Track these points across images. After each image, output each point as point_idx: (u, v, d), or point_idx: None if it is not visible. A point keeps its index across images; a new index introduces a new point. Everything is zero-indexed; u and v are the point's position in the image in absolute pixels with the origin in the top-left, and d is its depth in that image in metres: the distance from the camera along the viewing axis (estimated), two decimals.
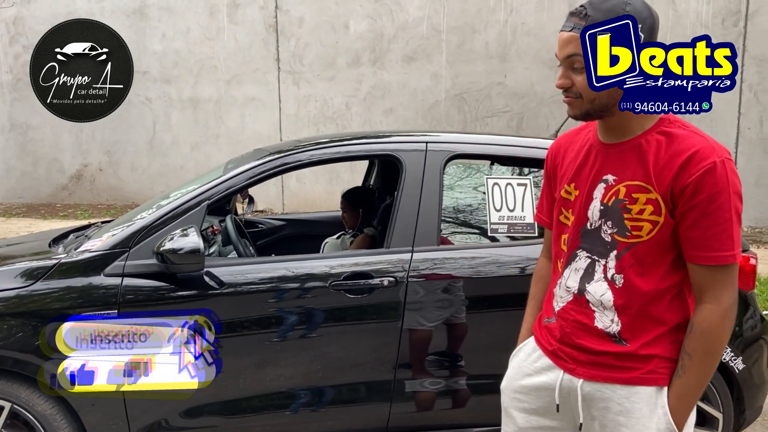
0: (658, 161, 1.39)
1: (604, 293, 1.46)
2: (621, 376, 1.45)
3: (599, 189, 1.47)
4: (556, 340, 1.55)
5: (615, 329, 1.45)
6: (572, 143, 1.61)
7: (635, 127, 1.45)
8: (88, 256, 2.56)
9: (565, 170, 1.58)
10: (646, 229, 1.40)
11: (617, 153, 1.47)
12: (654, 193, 1.39)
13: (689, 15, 7.87)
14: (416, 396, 2.66)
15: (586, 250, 1.50)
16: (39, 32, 10.36)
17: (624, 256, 1.43)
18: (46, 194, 10.80)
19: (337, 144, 2.96)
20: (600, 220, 1.46)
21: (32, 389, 2.43)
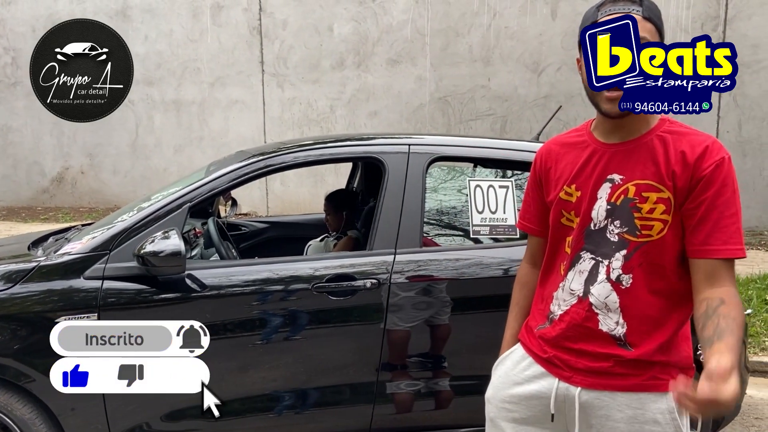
0: (669, 159, 1.38)
1: (609, 295, 1.43)
2: (621, 383, 1.42)
3: (604, 189, 1.44)
4: (552, 346, 1.52)
5: (621, 332, 1.43)
6: (565, 146, 1.57)
7: (642, 126, 1.44)
8: (68, 258, 2.53)
9: (561, 173, 1.55)
10: (657, 228, 1.39)
11: (623, 152, 1.44)
12: (666, 192, 1.38)
13: (669, 20, 7.97)
14: (399, 397, 2.66)
15: (589, 251, 1.47)
16: (20, 34, 10.29)
17: (633, 256, 1.41)
18: (27, 197, 10.68)
19: (320, 146, 2.96)
20: (606, 220, 1.44)
21: (11, 393, 2.41)
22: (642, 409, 1.41)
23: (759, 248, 7.13)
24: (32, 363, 2.40)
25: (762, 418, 3.47)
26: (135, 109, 10.03)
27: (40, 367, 2.40)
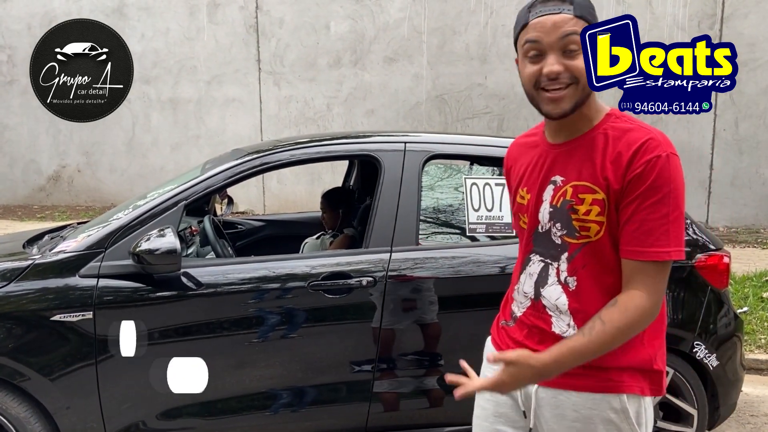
0: (605, 159, 1.35)
1: (559, 297, 1.42)
2: (576, 383, 1.41)
3: (548, 191, 1.44)
4: (515, 344, 1.52)
5: (571, 334, 1.40)
6: (522, 147, 1.58)
7: (584, 125, 1.41)
8: (63, 257, 2.53)
9: (516, 175, 1.55)
10: (594, 230, 1.36)
11: (565, 153, 1.43)
12: (600, 194, 1.35)
13: (666, 18, 7.98)
14: (395, 395, 2.66)
15: (538, 253, 1.47)
16: (15, 32, 10.26)
17: (576, 258, 1.40)
18: (23, 195, 10.65)
19: (316, 144, 2.95)
20: (549, 223, 1.43)
21: (6, 392, 2.40)
22: (596, 410, 1.40)
23: (755, 246, 7.15)
24: (27, 361, 2.39)
25: (757, 415, 3.47)
26: (132, 107, 10.00)
27: (36, 365, 2.40)
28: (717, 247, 2.88)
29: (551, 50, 1.34)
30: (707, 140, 8.03)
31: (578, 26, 1.32)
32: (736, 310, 3.00)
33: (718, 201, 8.07)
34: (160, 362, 2.49)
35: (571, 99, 1.35)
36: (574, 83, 1.34)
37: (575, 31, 1.32)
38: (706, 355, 2.74)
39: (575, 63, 1.33)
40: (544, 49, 1.35)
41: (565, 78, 1.34)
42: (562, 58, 1.34)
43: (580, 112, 1.38)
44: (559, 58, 1.34)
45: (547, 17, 1.34)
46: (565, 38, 1.32)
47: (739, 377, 2.90)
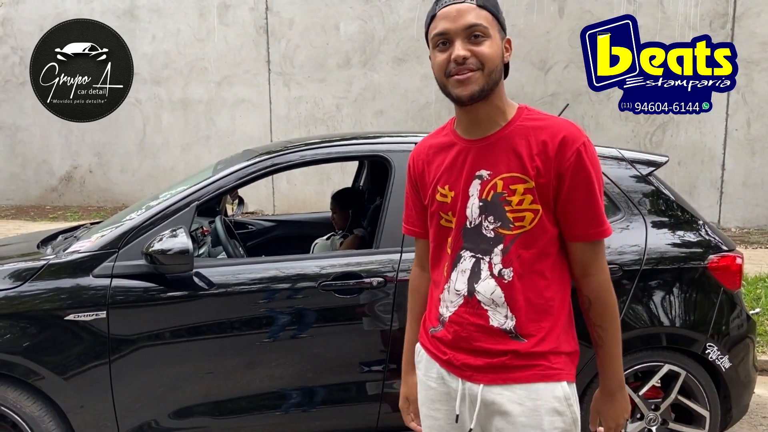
0: (531, 150, 1.40)
1: (494, 290, 1.44)
2: (519, 375, 1.43)
3: (474, 186, 1.45)
4: (449, 347, 1.51)
5: (510, 325, 1.44)
6: (434, 147, 1.57)
7: (500, 119, 1.45)
8: (77, 257, 2.55)
9: (433, 175, 1.54)
10: (528, 218, 1.41)
11: (486, 147, 1.45)
12: (531, 182, 1.39)
13: (677, 17, 7.93)
14: None
15: (469, 249, 1.47)
16: (28, 33, 10.34)
17: (511, 249, 1.42)
18: (36, 196, 10.74)
19: (326, 145, 2.96)
20: (480, 217, 1.44)
21: (20, 391, 2.43)
22: (540, 400, 1.42)
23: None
24: (41, 361, 2.42)
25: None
26: (142, 108, 10.07)
27: (50, 364, 2.42)
28: (729, 248, 2.86)
29: (457, 37, 1.39)
30: (719, 140, 7.98)
31: (481, 15, 1.39)
32: (749, 311, 2.98)
33: (730, 201, 8.02)
34: (172, 362, 2.51)
35: (477, 83, 1.39)
36: (479, 69, 1.39)
37: (478, 20, 1.38)
38: (719, 357, 2.73)
39: (480, 49, 1.38)
40: (451, 38, 1.40)
41: (472, 63, 1.38)
42: (468, 44, 1.39)
43: (493, 104, 1.44)
44: (465, 44, 1.39)
45: (451, 6, 1.40)
46: (470, 27, 1.38)
47: (751, 379, 2.88)
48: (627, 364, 2.71)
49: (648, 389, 2.75)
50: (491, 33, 1.40)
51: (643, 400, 2.75)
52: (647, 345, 2.72)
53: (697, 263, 2.76)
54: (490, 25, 1.40)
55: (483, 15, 1.40)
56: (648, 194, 2.87)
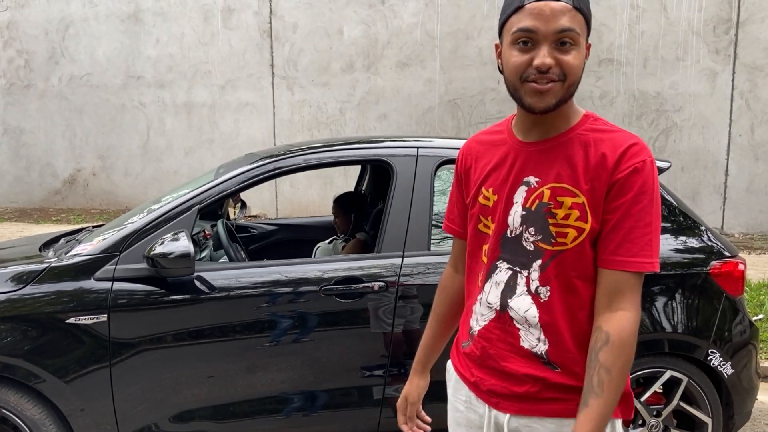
0: (588, 161, 1.26)
1: (528, 308, 1.30)
2: (550, 408, 1.31)
3: (520, 192, 1.31)
4: (478, 366, 1.40)
5: (542, 349, 1.30)
6: (485, 144, 1.44)
7: (562, 124, 1.31)
8: (79, 260, 2.55)
9: (479, 174, 1.42)
10: (571, 236, 1.26)
11: (539, 152, 1.31)
12: (581, 197, 1.25)
13: (681, 23, 7.93)
14: None
15: (506, 260, 1.34)
16: (33, 36, 10.39)
17: (549, 266, 1.28)
18: (39, 199, 10.77)
19: (329, 149, 2.96)
20: (521, 227, 1.31)
21: (21, 394, 2.43)
22: None
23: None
24: (42, 363, 2.42)
25: None
26: (146, 111, 10.09)
27: (50, 367, 2.42)
28: (732, 254, 2.85)
29: (545, 40, 1.22)
30: (723, 146, 7.96)
31: (576, 19, 1.23)
32: (752, 317, 2.97)
33: (734, 207, 8.00)
34: (173, 365, 2.51)
35: (556, 95, 1.25)
36: (561, 80, 1.24)
37: (572, 25, 1.22)
38: (721, 363, 2.72)
39: (566, 58, 1.23)
40: (538, 39, 1.23)
41: (555, 73, 1.23)
42: (555, 52, 1.23)
43: (561, 110, 1.29)
44: (552, 51, 1.23)
45: (546, 3, 1.22)
46: (562, 31, 1.21)
47: (754, 385, 2.87)
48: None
49: (650, 395, 2.74)
50: (580, 41, 1.24)
51: (644, 406, 2.74)
52: (649, 351, 2.71)
53: (700, 269, 2.75)
54: (581, 31, 1.24)
55: (578, 19, 1.23)
56: None
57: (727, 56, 7.83)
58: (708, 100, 7.94)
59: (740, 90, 7.82)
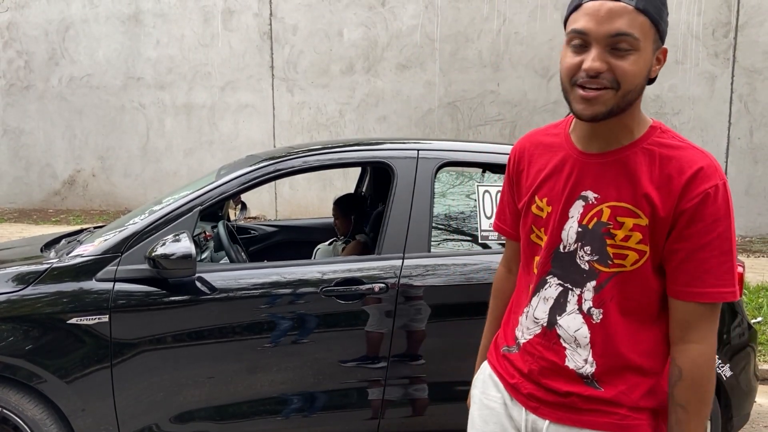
0: (653, 181, 1.18)
1: (579, 328, 1.25)
2: (593, 420, 1.26)
3: (576, 207, 1.25)
4: (519, 373, 1.36)
5: (589, 371, 1.25)
6: (540, 147, 1.36)
7: (624, 136, 1.22)
8: (80, 260, 2.56)
9: (532, 180, 1.35)
10: (632, 258, 1.20)
11: (600, 166, 1.23)
12: (644, 219, 1.18)
13: (680, 26, 7.95)
14: (406, 402, 2.67)
15: (557, 276, 1.28)
16: (33, 37, 10.40)
17: (605, 288, 1.22)
18: (39, 199, 10.76)
19: (329, 151, 2.97)
20: (576, 244, 1.25)
21: (22, 394, 2.43)
22: None
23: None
24: (44, 364, 2.42)
25: None
26: (146, 112, 10.10)
27: (52, 368, 2.43)
28: None
29: (597, 43, 1.14)
30: (722, 149, 7.98)
31: (637, 21, 1.13)
32: (750, 320, 2.98)
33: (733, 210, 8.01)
34: (174, 366, 2.51)
35: (606, 104, 1.16)
36: (614, 87, 1.15)
37: (630, 28, 1.12)
38: (719, 366, 2.73)
39: (621, 64, 1.14)
40: (590, 41, 1.15)
41: (606, 79, 1.14)
42: (608, 56, 1.14)
43: (620, 121, 1.20)
44: (604, 55, 1.14)
45: (603, 2, 1.13)
46: (616, 35, 1.12)
47: (752, 388, 2.88)
48: None
49: None
50: (642, 45, 1.14)
51: None
52: None
53: None
54: (643, 36, 1.14)
55: (639, 22, 1.13)
56: None
57: (726, 59, 7.85)
58: (707, 103, 7.96)
59: (739, 93, 7.84)
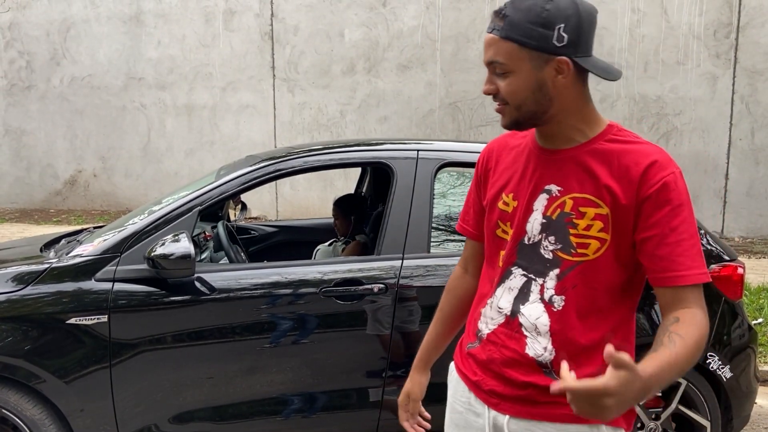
0: (612, 173, 1.25)
1: (540, 316, 1.30)
2: (550, 412, 1.30)
3: (540, 200, 1.32)
4: (481, 368, 1.40)
5: (547, 358, 1.30)
6: (507, 147, 1.46)
7: (576, 135, 1.31)
8: (80, 260, 2.56)
9: (498, 177, 1.43)
10: (593, 247, 1.26)
11: (560, 161, 1.32)
12: (604, 208, 1.25)
13: (681, 27, 7.94)
14: None
15: (521, 267, 1.34)
16: (34, 38, 10.41)
17: (568, 276, 1.28)
18: (40, 199, 10.77)
19: (329, 151, 2.97)
20: (540, 235, 1.31)
21: (21, 394, 2.43)
22: None
23: None
24: (43, 364, 2.43)
25: None
26: (147, 113, 10.10)
27: (51, 368, 2.43)
28: (731, 257, 2.86)
29: (487, 70, 1.31)
30: (723, 150, 7.97)
31: (501, 49, 1.26)
32: (751, 321, 2.98)
33: (734, 211, 8.01)
34: (173, 366, 2.51)
35: (509, 116, 1.31)
36: (506, 103, 1.29)
37: (496, 56, 1.27)
38: (720, 367, 2.72)
39: (501, 84, 1.28)
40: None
41: (500, 98, 1.30)
42: (494, 77, 1.30)
43: (563, 124, 1.30)
44: (491, 77, 1.30)
45: (486, 35, 1.30)
46: (490, 63, 1.28)
47: (753, 389, 2.88)
48: None
49: (648, 398, 2.75)
50: (514, 67, 1.26)
51: (643, 409, 2.74)
52: None
53: None
54: (512, 59, 1.25)
55: (504, 49, 1.26)
56: None
57: (728, 60, 7.84)
58: (708, 103, 7.95)
59: (740, 94, 7.83)
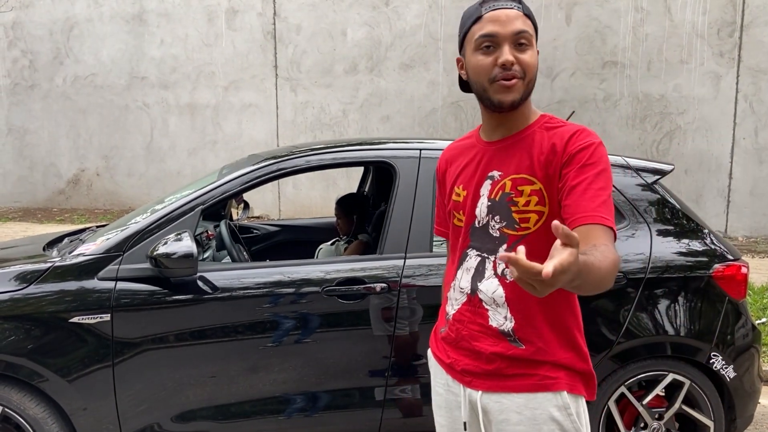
0: (543, 150, 1.41)
1: (496, 290, 1.45)
2: (518, 384, 1.44)
3: (485, 186, 1.48)
4: (453, 348, 1.54)
5: (509, 326, 1.44)
6: (456, 150, 1.62)
7: (521, 122, 1.47)
8: (82, 259, 2.56)
9: (451, 176, 1.59)
10: (533, 220, 1.41)
11: (502, 149, 1.48)
12: (537, 184, 1.40)
13: (685, 25, 7.92)
14: (408, 401, 2.66)
15: (475, 248, 1.50)
16: (37, 37, 10.43)
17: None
18: (43, 198, 10.79)
19: (332, 150, 2.97)
20: (488, 216, 1.46)
21: (24, 393, 2.44)
22: (539, 409, 1.42)
23: None
24: (45, 363, 2.43)
25: None
26: (150, 112, 10.12)
27: (53, 366, 2.43)
28: (735, 257, 2.85)
29: (505, 41, 1.39)
30: (726, 149, 7.95)
31: (527, 23, 1.41)
32: (754, 321, 2.96)
33: (737, 210, 7.98)
34: (176, 365, 2.51)
35: (519, 91, 1.41)
36: (522, 77, 1.40)
37: (525, 27, 1.40)
38: (723, 367, 2.71)
39: (524, 57, 1.40)
40: (499, 42, 1.40)
41: (516, 70, 1.39)
42: (515, 51, 1.39)
43: (521, 110, 1.45)
44: (512, 50, 1.39)
45: (501, 11, 1.40)
46: (518, 33, 1.39)
47: (756, 389, 2.86)
48: (631, 372, 2.70)
49: (652, 398, 2.74)
50: (533, 42, 1.42)
51: (647, 409, 2.73)
52: (651, 354, 2.71)
53: (702, 272, 2.75)
54: (533, 34, 1.43)
55: (528, 23, 1.42)
56: (653, 203, 2.87)
57: (732, 59, 7.82)
58: (712, 103, 7.93)
59: (744, 93, 7.81)
